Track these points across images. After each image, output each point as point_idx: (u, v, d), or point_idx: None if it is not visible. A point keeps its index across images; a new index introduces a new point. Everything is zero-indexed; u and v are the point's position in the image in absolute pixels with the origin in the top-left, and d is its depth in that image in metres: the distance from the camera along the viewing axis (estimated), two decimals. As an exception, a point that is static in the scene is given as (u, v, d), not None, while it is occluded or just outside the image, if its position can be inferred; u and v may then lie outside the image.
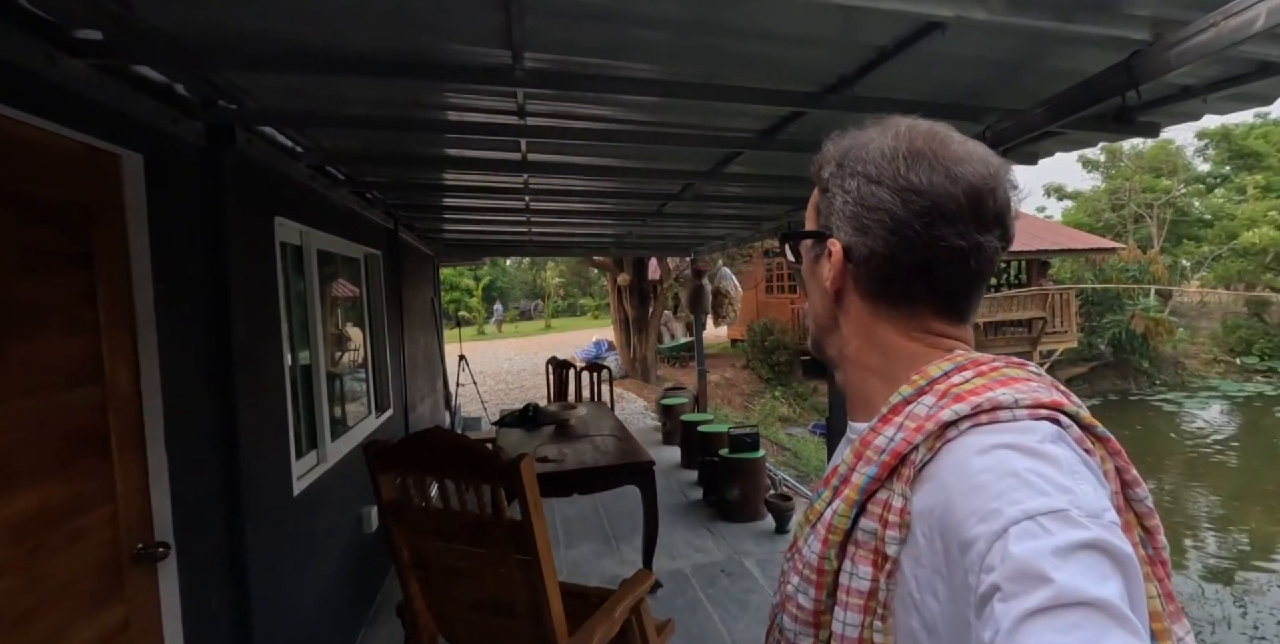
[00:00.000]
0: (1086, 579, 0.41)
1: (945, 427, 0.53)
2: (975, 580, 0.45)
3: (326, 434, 2.75)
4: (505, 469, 1.64)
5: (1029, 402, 0.53)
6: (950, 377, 0.58)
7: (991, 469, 0.48)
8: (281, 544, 2.20)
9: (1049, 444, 0.50)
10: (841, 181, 0.62)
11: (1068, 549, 0.42)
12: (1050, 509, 0.44)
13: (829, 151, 0.66)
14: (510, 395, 11.06)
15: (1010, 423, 0.52)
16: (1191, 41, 1.14)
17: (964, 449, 0.52)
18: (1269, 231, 17.80)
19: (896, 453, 0.55)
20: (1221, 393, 14.49)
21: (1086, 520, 0.44)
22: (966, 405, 0.53)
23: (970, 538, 0.46)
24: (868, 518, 0.56)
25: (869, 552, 0.55)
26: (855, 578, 0.56)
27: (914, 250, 0.59)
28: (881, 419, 0.59)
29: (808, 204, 0.70)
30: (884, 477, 0.56)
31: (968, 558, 0.46)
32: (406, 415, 4.41)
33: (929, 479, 0.53)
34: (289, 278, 2.48)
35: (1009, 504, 0.45)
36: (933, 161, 0.58)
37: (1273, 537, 7.30)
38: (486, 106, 2.00)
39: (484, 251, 7.35)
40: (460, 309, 26.67)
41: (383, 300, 3.97)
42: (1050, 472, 0.47)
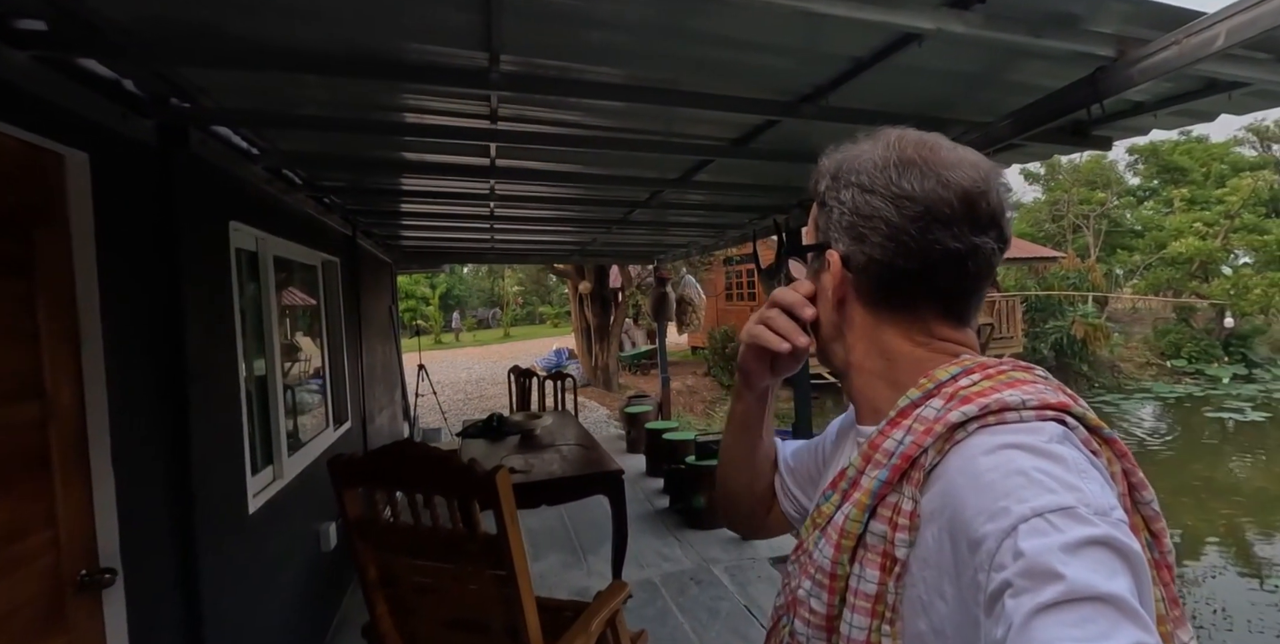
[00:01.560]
0: (1097, 574, 0.41)
1: (954, 428, 0.53)
2: (985, 579, 0.46)
3: (283, 449, 2.63)
4: (481, 482, 1.59)
5: (1036, 403, 0.53)
6: (958, 380, 0.58)
7: (999, 468, 0.49)
8: (237, 565, 2.08)
9: (1056, 444, 0.50)
10: (837, 193, 0.64)
11: (1076, 545, 0.42)
12: (1058, 506, 0.44)
13: (824, 166, 0.67)
14: (471, 405, 10.86)
15: (1017, 424, 0.52)
16: (1154, 59, 1.19)
17: (971, 449, 0.52)
18: (1194, 242, 18.89)
19: (907, 456, 0.55)
20: (1154, 394, 15.26)
21: (1095, 517, 0.44)
22: (974, 407, 0.53)
23: (979, 536, 0.47)
24: (878, 521, 0.56)
25: (877, 555, 0.55)
26: (863, 581, 0.56)
27: (911, 255, 0.59)
28: (890, 422, 0.59)
29: (807, 219, 0.71)
30: (895, 480, 0.56)
31: (977, 557, 0.47)
32: (365, 427, 4.27)
33: (937, 480, 0.53)
34: (244, 285, 2.37)
35: (1017, 502, 0.46)
36: (923, 168, 0.59)
37: (1203, 530, 7.69)
38: (457, 110, 1.95)
39: (444, 259, 7.21)
40: (416, 318, 26.11)
41: (341, 309, 3.84)
42: (1058, 470, 0.48)
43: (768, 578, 3.55)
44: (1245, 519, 7.95)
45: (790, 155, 2.35)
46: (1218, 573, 6.35)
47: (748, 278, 15.05)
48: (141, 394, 1.65)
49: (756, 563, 3.76)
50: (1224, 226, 19.85)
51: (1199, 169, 22.91)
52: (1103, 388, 15.85)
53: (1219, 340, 17.53)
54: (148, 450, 1.66)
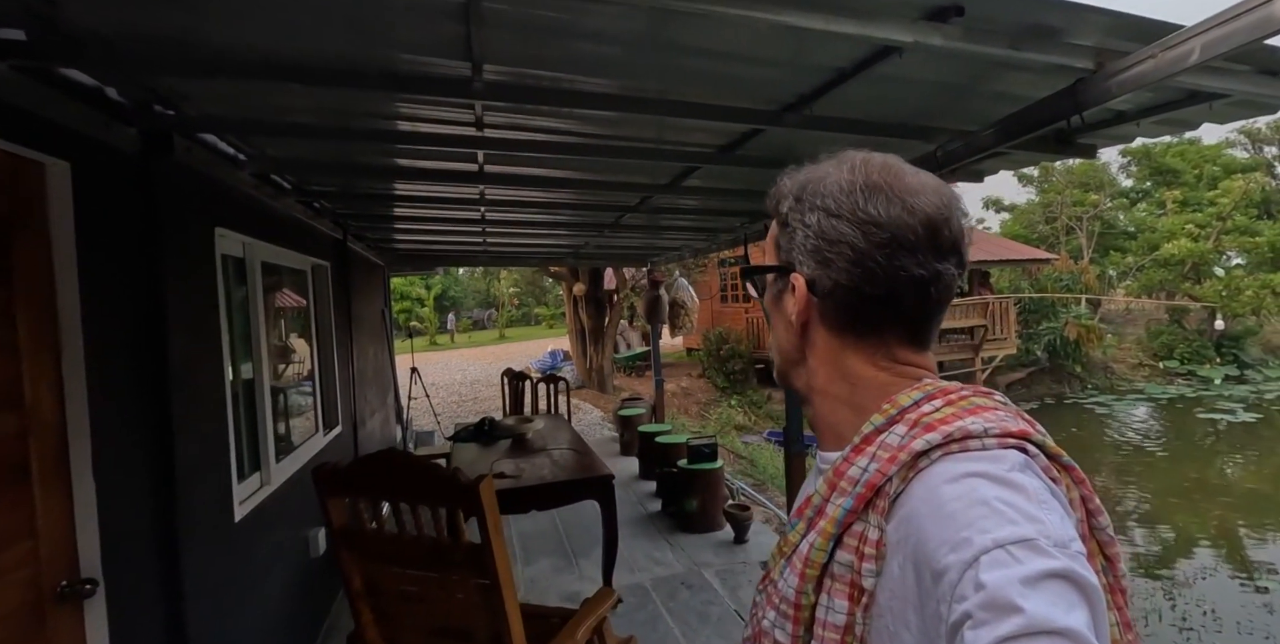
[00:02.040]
0: (1056, 608, 0.42)
1: (918, 456, 0.54)
2: (946, 610, 0.46)
3: (271, 455, 2.63)
4: (465, 491, 1.59)
5: (998, 430, 0.54)
6: (920, 406, 0.58)
7: (962, 498, 0.49)
8: (222, 574, 2.07)
9: (1017, 473, 0.51)
10: (801, 216, 0.63)
11: (1036, 578, 0.43)
12: (1019, 538, 0.45)
13: (785, 186, 0.66)
14: (464, 408, 10.84)
15: (980, 451, 0.53)
16: (1132, 71, 1.20)
17: (935, 478, 0.52)
18: (1186, 244, 18.99)
19: (872, 484, 0.55)
20: (1147, 395, 15.33)
21: (1054, 550, 0.45)
22: (938, 434, 0.54)
23: (941, 568, 0.47)
24: (844, 550, 0.56)
25: (845, 585, 0.55)
26: (832, 612, 0.55)
27: (877, 281, 0.59)
28: (854, 449, 0.59)
29: (766, 236, 0.72)
30: (860, 508, 0.55)
31: (940, 588, 0.47)
32: (356, 431, 4.25)
33: (902, 508, 0.53)
34: (231, 292, 2.36)
35: (979, 533, 0.46)
36: (889, 194, 0.59)
37: (1194, 530, 7.73)
38: (442, 117, 1.95)
39: (437, 262, 7.20)
40: (411, 319, 26.05)
41: (331, 313, 3.83)
42: (1019, 500, 0.48)
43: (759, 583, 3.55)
44: (1237, 520, 7.99)
45: (777, 162, 2.35)
46: (1208, 574, 6.39)
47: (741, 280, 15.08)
48: (124, 403, 1.64)
49: (748, 567, 3.77)
50: (1216, 228, 19.96)
51: (1191, 171, 23.04)
52: (1096, 389, 15.93)
53: (1211, 341, 17.63)
54: (130, 460, 1.65)
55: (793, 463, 3.83)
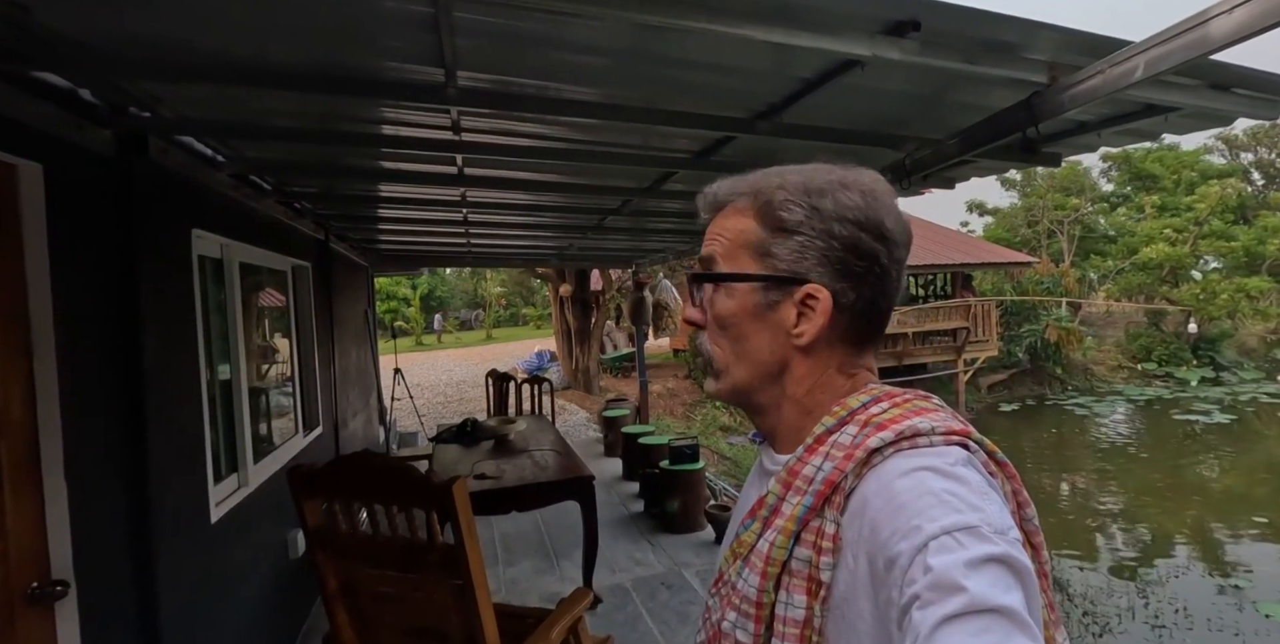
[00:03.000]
0: (995, 588, 0.45)
1: (872, 453, 0.56)
2: (898, 594, 0.49)
3: (249, 456, 2.62)
4: (438, 492, 1.61)
5: (943, 429, 0.57)
6: (869, 408, 0.61)
7: (912, 490, 0.52)
8: (198, 576, 2.07)
9: (961, 467, 0.54)
10: (825, 226, 0.61)
11: (979, 562, 0.46)
12: (964, 525, 0.48)
13: (783, 191, 0.63)
14: (449, 409, 10.81)
15: (928, 448, 0.56)
16: (1082, 86, 1.24)
17: (888, 473, 0.55)
18: (1164, 248, 19.34)
19: (829, 482, 0.57)
20: (1125, 396, 15.58)
21: (995, 536, 0.48)
22: (890, 433, 0.56)
23: (894, 554, 0.50)
24: (802, 546, 0.57)
25: (803, 580, 0.57)
26: (790, 608, 0.57)
27: (890, 295, 0.63)
28: (807, 449, 0.61)
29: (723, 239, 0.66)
30: (819, 505, 0.57)
31: (892, 574, 0.50)
32: (337, 433, 4.24)
33: (856, 502, 0.56)
34: (208, 293, 2.36)
35: (928, 521, 0.49)
36: (892, 209, 0.63)
37: (1169, 529, 7.88)
38: (420, 121, 1.97)
39: (421, 262, 7.19)
40: (397, 319, 25.90)
41: (312, 313, 3.82)
42: (963, 491, 0.51)
43: (737, 582, 3.59)
44: (1210, 519, 8.15)
45: (751, 166, 2.39)
46: (1180, 572, 6.51)
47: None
48: (97, 405, 1.64)
49: (727, 567, 3.80)
50: (1193, 233, 20.33)
51: (1170, 176, 23.44)
52: (1076, 390, 16.15)
53: (1188, 344, 17.94)
54: (103, 462, 1.65)
55: (772, 464, 3.87)
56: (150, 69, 1.50)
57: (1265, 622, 5.21)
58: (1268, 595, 5.68)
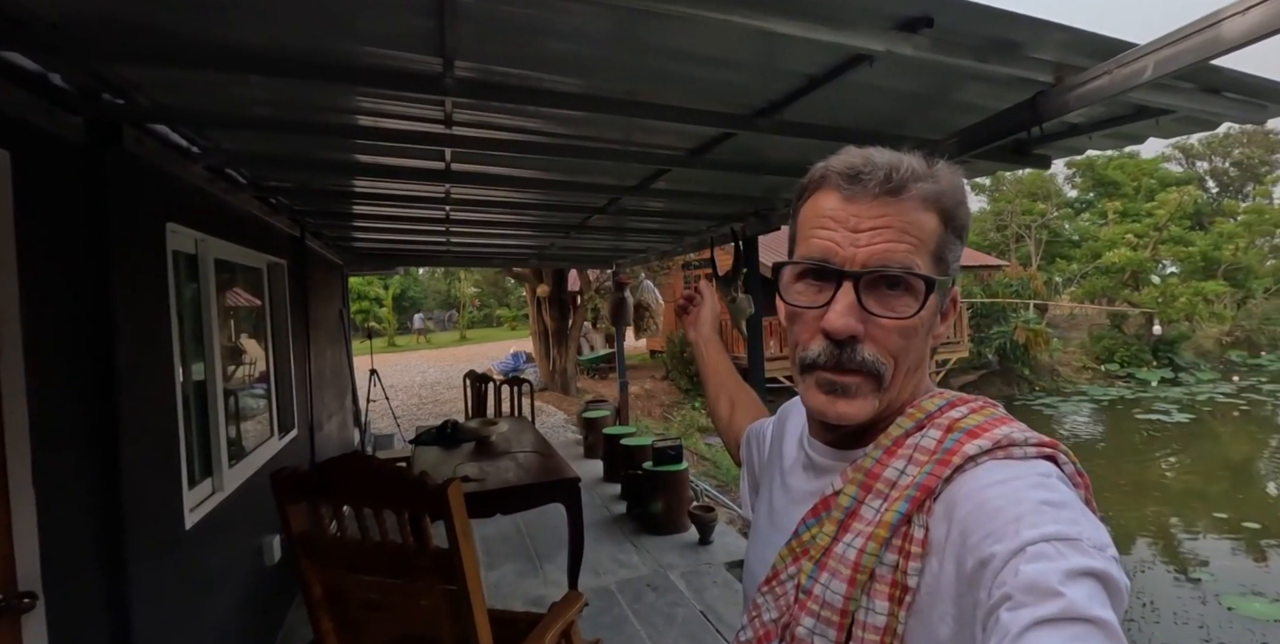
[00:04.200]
0: (1094, 601, 0.43)
1: (968, 460, 0.55)
2: (985, 595, 0.47)
3: (224, 459, 2.53)
4: (432, 495, 1.56)
5: (1035, 440, 0.56)
6: (945, 412, 0.60)
7: (1007, 496, 0.51)
8: (172, 585, 1.98)
9: (1054, 480, 0.53)
10: (966, 231, 0.64)
11: (1078, 573, 0.45)
12: (1064, 536, 0.47)
13: (961, 191, 0.62)
14: (425, 410, 10.64)
15: (1022, 460, 0.55)
16: (1089, 86, 1.25)
17: (980, 480, 0.54)
18: (1126, 252, 19.96)
19: (926, 487, 0.55)
20: (1090, 397, 16.00)
21: (1094, 552, 0.46)
22: (987, 441, 0.56)
23: (986, 556, 0.48)
24: (889, 551, 0.56)
25: (886, 585, 0.55)
26: (872, 613, 0.55)
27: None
28: (886, 452, 0.60)
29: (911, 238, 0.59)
30: (913, 511, 0.56)
31: (983, 575, 0.48)
32: (313, 435, 4.13)
33: (943, 506, 0.54)
34: (182, 290, 2.26)
35: (1027, 527, 0.48)
36: None
37: (1132, 526, 8.09)
38: (409, 113, 1.91)
39: (398, 261, 7.05)
40: (369, 320, 25.45)
41: (287, 313, 3.71)
42: (1062, 503, 0.50)
43: (724, 583, 3.58)
44: (1170, 516, 8.39)
45: (745, 166, 2.39)
46: (1146, 568, 6.68)
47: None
48: (67, 408, 1.55)
49: (713, 568, 3.78)
50: (1153, 238, 21.02)
51: (1130, 183, 24.22)
52: (1043, 391, 16.54)
53: (1148, 345, 18.51)
54: (73, 467, 1.57)
55: (757, 464, 3.87)
56: (125, 52, 1.43)
57: (1228, 614, 5.37)
58: (1229, 589, 5.86)
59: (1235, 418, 13.81)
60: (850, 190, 0.59)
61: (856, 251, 0.58)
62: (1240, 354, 20.26)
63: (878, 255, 0.57)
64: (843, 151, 0.62)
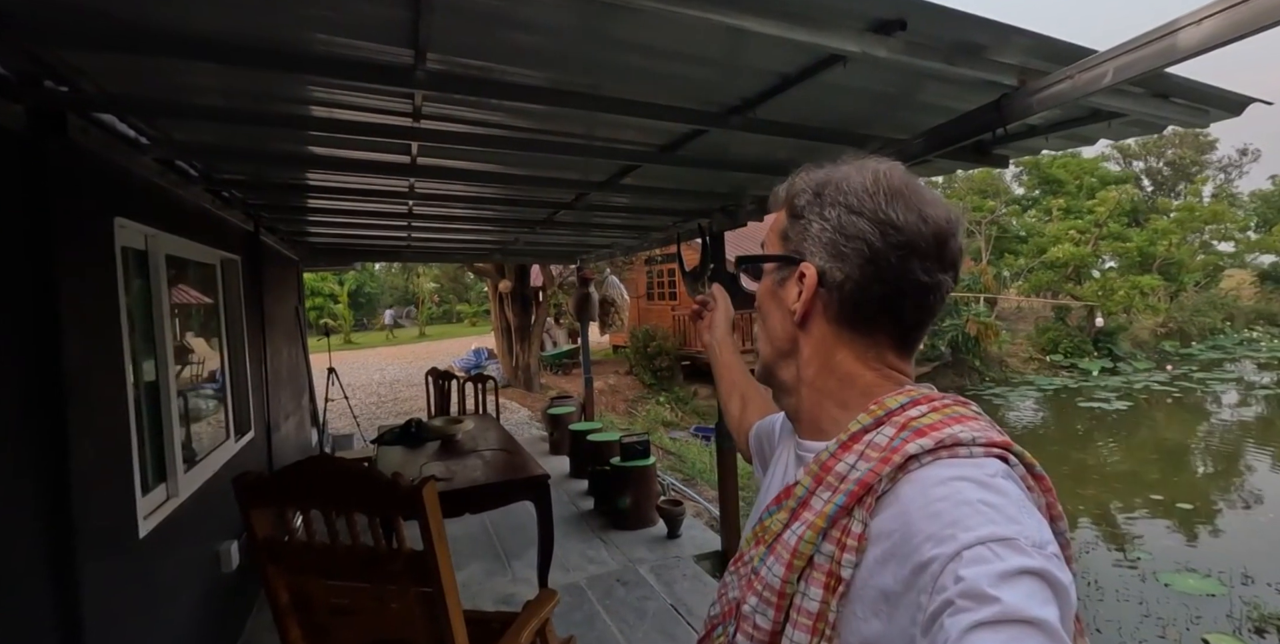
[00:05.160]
0: (1031, 601, 0.44)
1: (910, 459, 0.56)
2: (926, 599, 0.48)
3: (178, 464, 2.43)
4: (406, 496, 1.53)
5: (984, 440, 0.57)
6: (907, 410, 0.61)
7: (949, 498, 0.52)
8: (126, 596, 1.90)
9: (1000, 479, 0.54)
10: (820, 210, 0.65)
11: (1014, 573, 0.45)
12: (1000, 537, 0.47)
13: (802, 181, 0.68)
14: (384, 409, 10.42)
15: (967, 458, 0.55)
16: (1052, 89, 1.30)
17: (925, 480, 0.55)
18: (1069, 248, 20.80)
19: (864, 483, 0.57)
20: (1037, 386, 16.66)
21: (1032, 550, 0.47)
22: (930, 440, 0.56)
23: (925, 560, 0.49)
24: (828, 542, 0.58)
25: (823, 574, 0.57)
26: (806, 599, 0.58)
27: (885, 281, 0.62)
28: (841, 446, 0.61)
29: (769, 230, 0.72)
30: (850, 505, 0.57)
31: (921, 579, 0.49)
32: (270, 436, 4.00)
33: (887, 506, 0.56)
34: (132, 287, 2.16)
35: (963, 530, 0.48)
36: (908, 201, 0.62)
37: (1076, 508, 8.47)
38: (377, 106, 1.86)
39: (357, 257, 6.88)
40: (323, 317, 24.74)
41: (242, 310, 3.58)
42: (1001, 504, 0.51)
43: (693, 576, 3.62)
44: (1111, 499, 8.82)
45: (715, 163, 2.40)
46: (1090, 549, 7.01)
47: (668, 278, 15.24)
48: (11, 411, 1.47)
49: (681, 561, 3.82)
50: (1094, 234, 21.95)
51: (1073, 181, 25.19)
52: (992, 381, 17.15)
53: (1090, 337, 19.37)
54: (18, 474, 1.48)
55: (725, 459, 3.92)
56: (69, 36, 1.35)
57: (1165, 590, 5.69)
58: (1166, 566, 6.20)
59: (1169, 405, 14.58)
60: (771, 210, 0.74)
61: None
62: (1173, 344, 21.41)
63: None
64: None
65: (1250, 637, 4.84)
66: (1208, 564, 6.18)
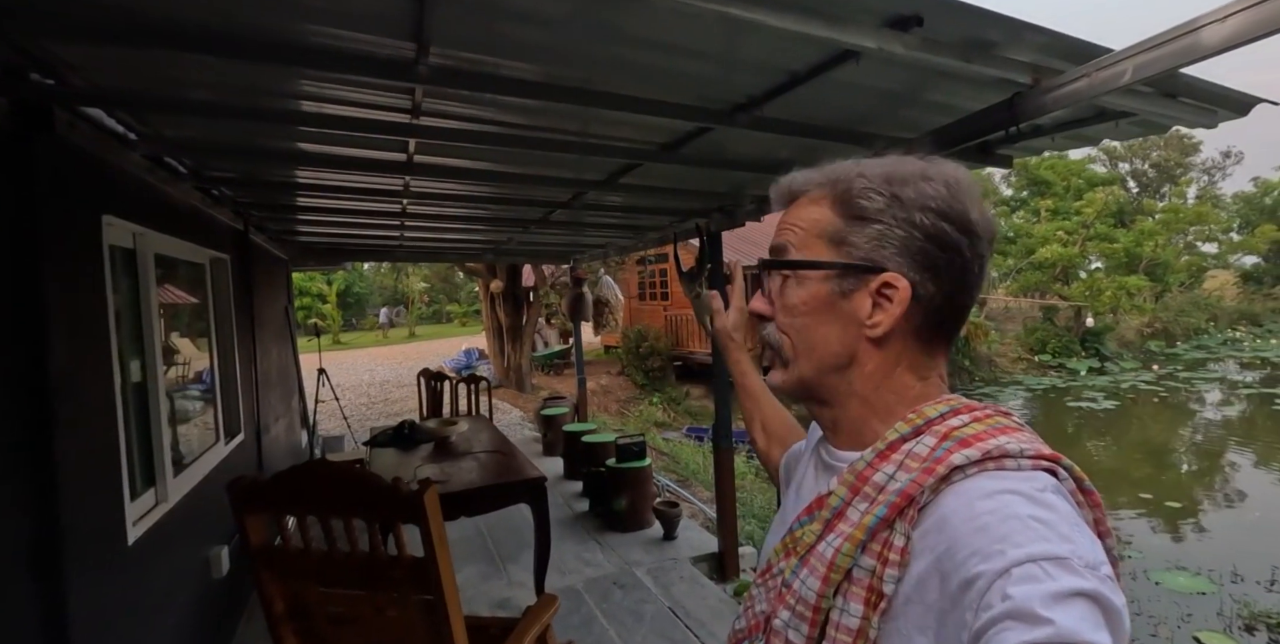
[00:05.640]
0: (1084, 624, 0.42)
1: (954, 470, 0.53)
2: (971, 617, 0.46)
3: (167, 468, 2.37)
4: (407, 501, 1.49)
5: (1032, 452, 0.54)
6: (947, 419, 0.59)
7: (996, 512, 0.49)
8: (114, 604, 1.85)
9: (1050, 494, 0.51)
10: (906, 214, 0.59)
11: (1067, 594, 0.43)
12: (1052, 555, 0.45)
13: (870, 179, 0.61)
14: (375, 410, 10.32)
15: (1015, 471, 0.53)
16: (1068, 88, 1.28)
17: (970, 492, 0.52)
18: (1057, 248, 21.02)
19: (906, 495, 0.54)
20: (1026, 386, 16.79)
21: (1086, 571, 0.45)
22: (976, 451, 0.54)
23: (971, 576, 0.47)
24: (867, 555, 0.55)
25: (862, 589, 0.55)
26: (846, 615, 0.55)
27: (970, 292, 0.61)
28: (879, 455, 0.59)
29: (797, 228, 0.64)
30: (892, 518, 0.55)
31: (967, 595, 0.47)
32: (260, 439, 3.94)
33: (930, 518, 0.53)
34: (120, 288, 2.11)
35: (1013, 546, 0.46)
36: (977, 202, 0.61)
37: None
38: (376, 102, 1.82)
39: (348, 256, 6.80)
40: (311, 316, 24.52)
41: (231, 310, 3.52)
42: (1052, 520, 0.48)
43: (690, 578, 3.59)
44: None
45: (715, 162, 2.37)
46: (1081, 548, 7.06)
47: (661, 278, 15.22)
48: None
49: (678, 563, 3.79)
50: (1081, 235, 22.17)
51: (1061, 183, 25.46)
52: (982, 381, 17.26)
53: (1077, 337, 19.55)
54: (3, 480, 1.43)
55: (721, 459, 3.89)
56: (56, 27, 1.30)
57: (1156, 589, 5.72)
58: (1156, 564, 6.24)
59: (1155, 404, 14.72)
60: (775, 208, 0.70)
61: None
62: (1159, 344, 21.65)
63: (772, 250, 0.67)
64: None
65: (1241, 634, 4.88)
66: (1197, 562, 6.23)
